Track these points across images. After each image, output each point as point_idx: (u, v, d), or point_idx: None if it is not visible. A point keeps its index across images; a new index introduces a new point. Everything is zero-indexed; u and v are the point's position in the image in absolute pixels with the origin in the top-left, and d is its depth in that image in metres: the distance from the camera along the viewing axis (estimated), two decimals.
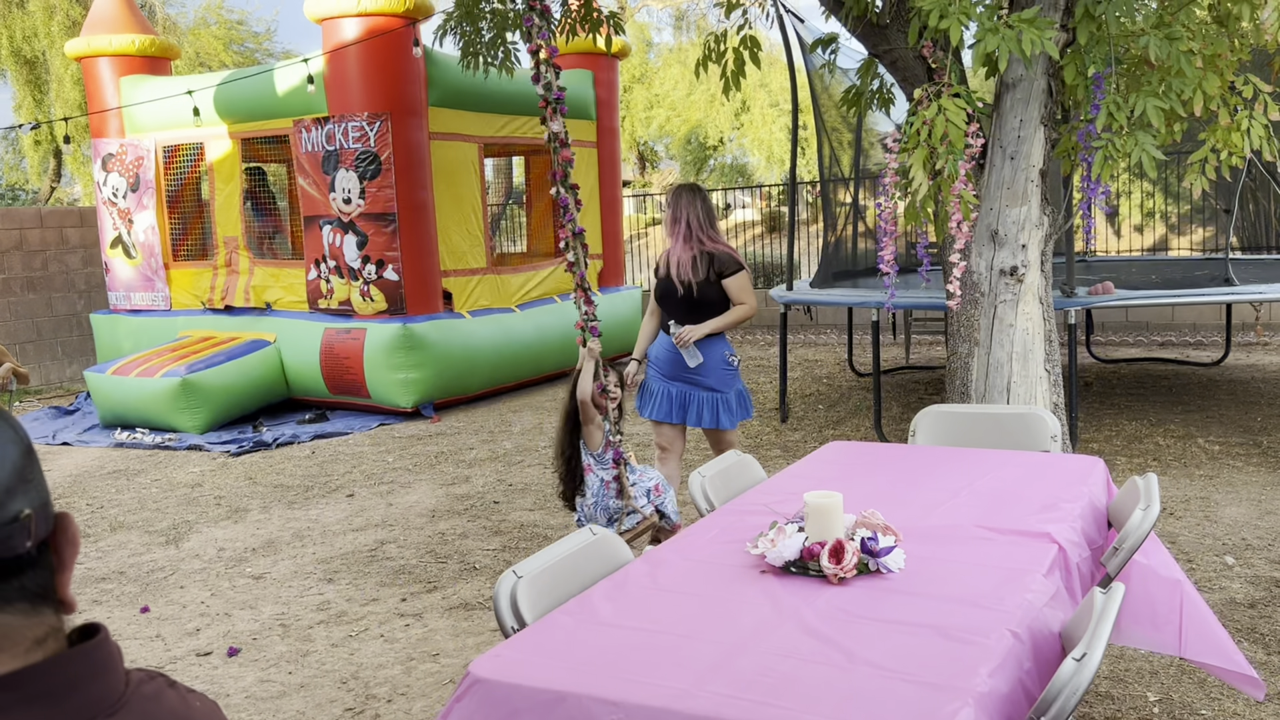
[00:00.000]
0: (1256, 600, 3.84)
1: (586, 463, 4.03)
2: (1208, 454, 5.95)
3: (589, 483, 4.03)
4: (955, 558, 2.26)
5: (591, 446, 4.03)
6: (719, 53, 5.06)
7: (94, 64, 9.57)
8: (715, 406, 4.57)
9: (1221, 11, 4.48)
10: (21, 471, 0.74)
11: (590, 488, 4.03)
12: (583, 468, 4.04)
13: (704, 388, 4.56)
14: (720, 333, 4.58)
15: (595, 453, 4.02)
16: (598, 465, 4.02)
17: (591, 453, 4.03)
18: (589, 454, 4.03)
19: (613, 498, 4.00)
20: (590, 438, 4.04)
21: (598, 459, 4.02)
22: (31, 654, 0.73)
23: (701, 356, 4.53)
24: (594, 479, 4.02)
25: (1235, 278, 6.69)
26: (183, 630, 4.20)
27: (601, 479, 4.02)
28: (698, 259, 4.52)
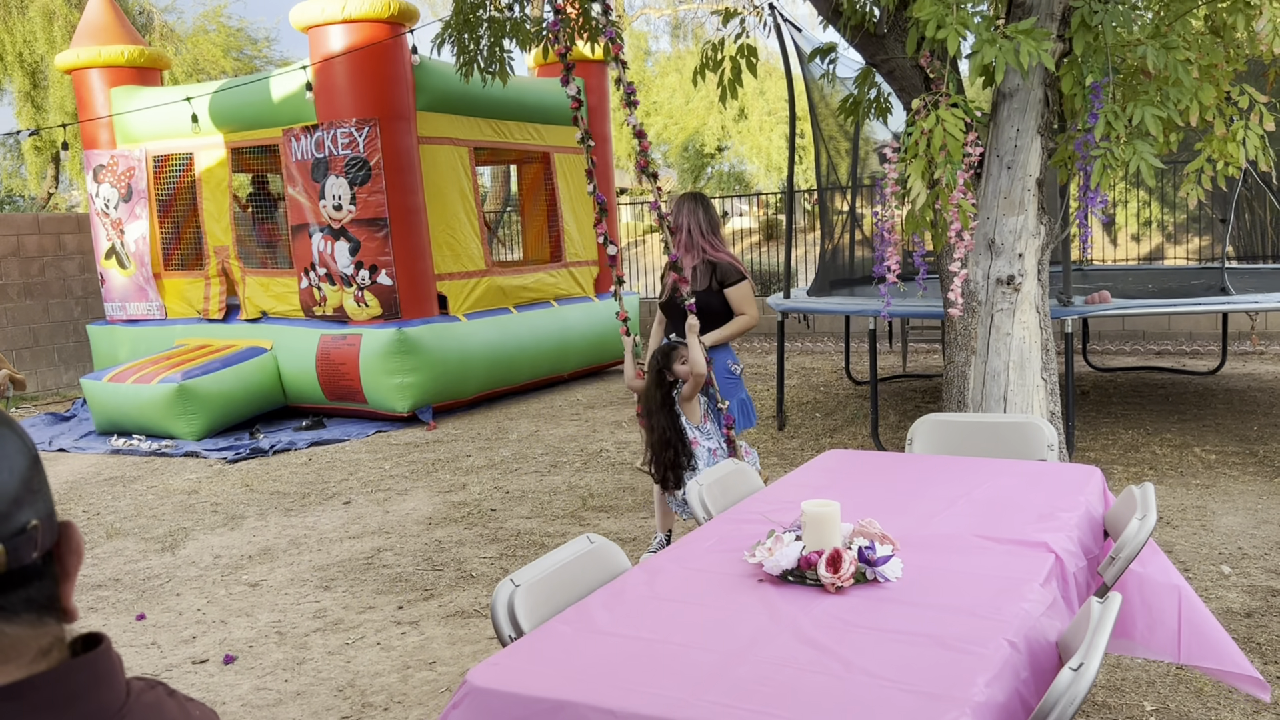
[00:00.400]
0: (1253, 610, 3.84)
1: (693, 436, 4.18)
2: (1204, 463, 5.96)
3: (697, 454, 4.16)
4: (952, 567, 2.26)
5: (694, 419, 4.21)
6: (716, 61, 5.07)
7: (84, 75, 9.58)
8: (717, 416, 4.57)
9: (1217, 22, 4.50)
10: (29, 482, 0.74)
11: (700, 459, 4.16)
12: (689, 440, 4.17)
13: (707, 397, 4.56)
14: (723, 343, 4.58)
15: (698, 425, 4.20)
16: (703, 437, 4.20)
17: (695, 426, 4.19)
18: (692, 428, 4.19)
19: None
20: (692, 412, 4.21)
21: (702, 430, 4.20)
22: (36, 664, 0.73)
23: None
24: (702, 450, 4.17)
25: (1231, 287, 6.71)
26: (179, 638, 4.19)
27: (709, 449, 4.19)
28: (699, 268, 4.52)
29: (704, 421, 4.24)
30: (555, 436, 7.74)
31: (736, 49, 5.00)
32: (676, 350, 4.23)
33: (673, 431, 4.17)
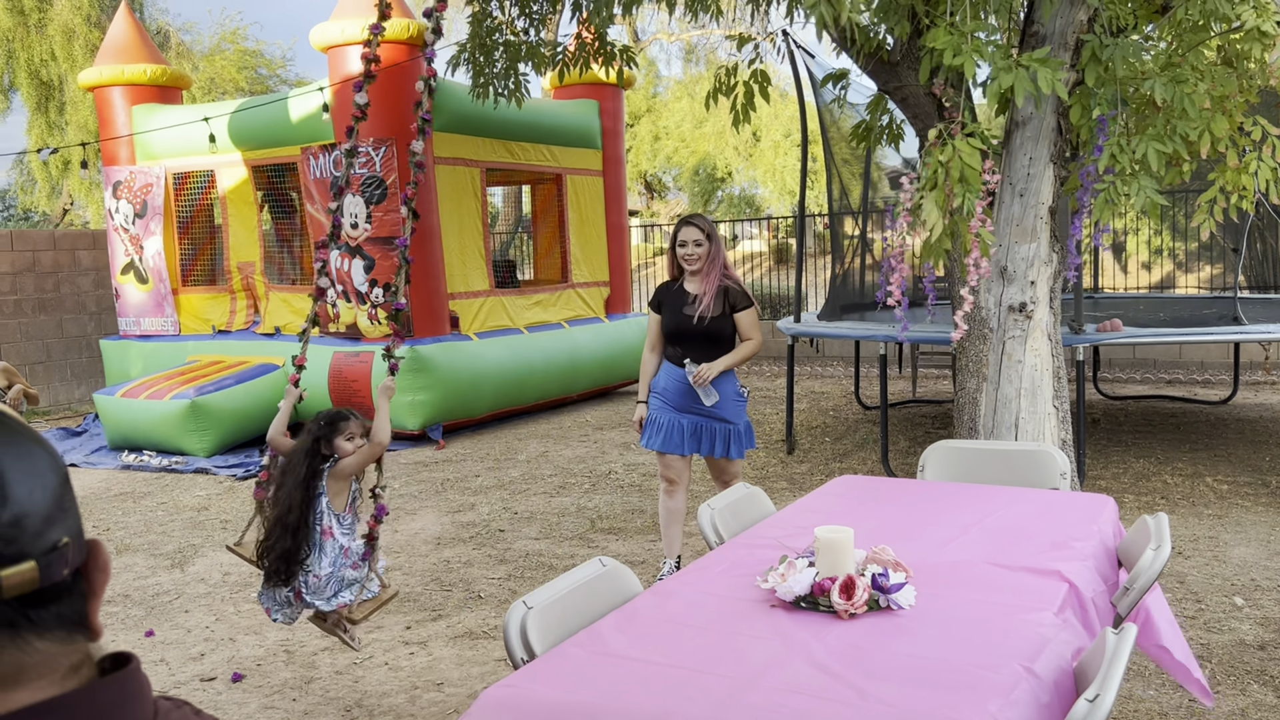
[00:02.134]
0: (1266, 642, 3.82)
1: (328, 524, 3.33)
2: (1216, 493, 5.93)
3: (326, 548, 3.32)
4: (966, 595, 2.25)
5: (338, 506, 3.37)
6: (729, 86, 5.11)
7: (106, 93, 9.69)
8: (728, 437, 4.58)
9: (1230, 53, 4.52)
10: (60, 499, 0.75)
11: (326, 554, 3.32)
12: (320, 529, 3.32)
13: (717, 419, 4.56)
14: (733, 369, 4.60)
15: (339, 512, 3.37)
16: (340, 529, 3.36)
17: (336, 513, 3.36)
18: (331, 514, 3.34)
19: (349, 568, 3.37)
20: (338, 496, 3.37)
21: (340, 521, 3.36)
22: (66, 681, 0.74)
23: (718, 394, 4.53)
24: (333, 545, 3.33)
25: (1244, 316, 6.70)
26: (187, 655, 4.19)
27: (342, 546, 3.36)
28: (719, 291, 4.54)
29: (346, 511, 3.38)
30: (564, 457, 7.74)
31: (750, 74, 5.04)
32: (350, 421, 3.43)
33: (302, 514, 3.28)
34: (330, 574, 3.34)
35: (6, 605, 0.71)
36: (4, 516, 0.70)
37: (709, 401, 4.51)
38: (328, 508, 3.34)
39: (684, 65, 24.00)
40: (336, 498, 3.36)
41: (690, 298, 4.55)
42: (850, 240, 8.70)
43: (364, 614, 3.43)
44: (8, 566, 0.70)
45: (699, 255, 4.53)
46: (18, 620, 0.72)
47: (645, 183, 25.53)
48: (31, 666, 0.72)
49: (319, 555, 3.31)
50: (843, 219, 8.68)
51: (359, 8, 8.05)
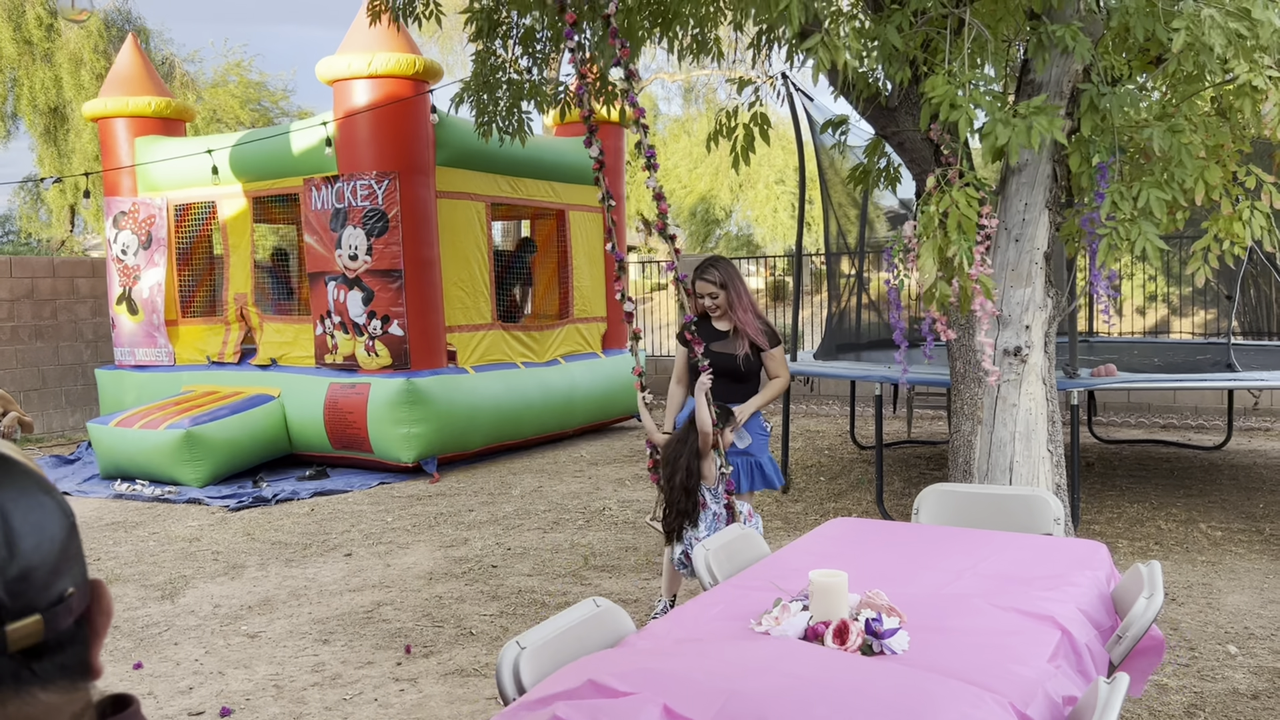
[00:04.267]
0: (1260, 691, 3.80)
1: (700, 498, 4.12)
2: (1210, 540, 5.93)
3: (703, 518, 4.11)
4: (960, 641, 2.25)
5: (708, 481, 4.14)
6: (730, 128, 5.16)
7: (110, 124, 9.78)
8: (751, 471, 4.60)
9: (1223, 104, 4.58)
10: (66, 549, 0.74)
11: (704, 521, 4.10)
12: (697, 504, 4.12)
13: (740, 453, 4.58)
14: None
15: (710, 487, 4.13)
16: (712, 499, 4.13)
17: (707, 487, 4.13)
18: (704, 488, 4.13)
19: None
20: (708, 471, 4.14)
21: (712, 493, 4.13)
22: None
23: (750, 438, 4.56)
24: (707, 515, 4.11)
25: (1237, 363, 6.73)
26: (175, 688, 4.16)
27: (713, 513, 4.12)
28: (736, 332, 4.57)
29: (716, 485, 4.20)
30: (558, 493, 7.73)
31: (750, 117, 5.09)
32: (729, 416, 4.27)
33: (693, 481, 4.13)
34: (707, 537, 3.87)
35: (10, 659, 0.69)
36: (11, 571, 0.69)
37: (741, 444, 4.54)
38: (701, 485, 4.13)
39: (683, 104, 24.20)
40: (707, 475, 4.15)
41: (722, 334, 4.60)
42: (846, 280, 8.75)
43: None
44: (13, 621, 0.69)
45: (718, 305, 4.59)
46: (21, 674, 0.70)
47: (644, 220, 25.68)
48: (35, 719, 0.72)
49: (700, 521, 4.10)
50: (839, 259, 8.73)
51: (365, 42, 8.15)
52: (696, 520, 4.13)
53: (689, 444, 4.15)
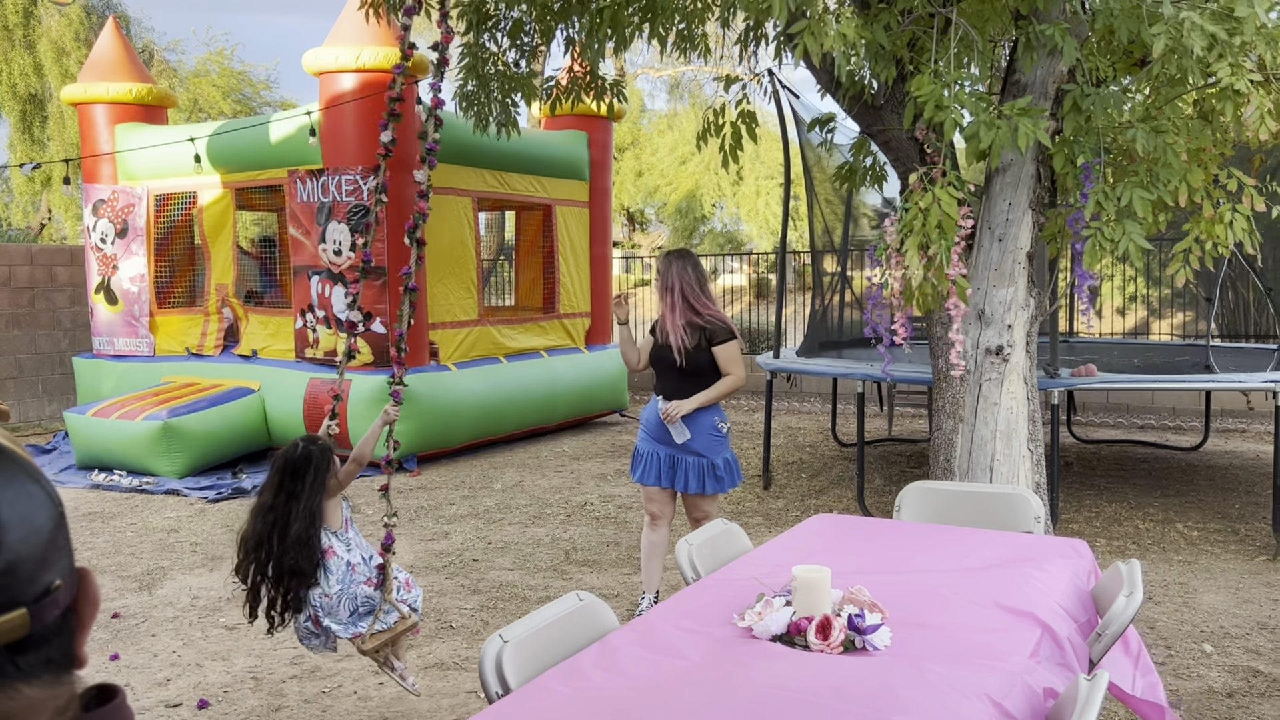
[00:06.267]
0: (1235, 690, 3.84)
1: (326, 544, 3.37)
2: (1186, 539, 5.99)
3: (330, 566, 3.36)
4: (941, 637, 2.26)
5: (334, 524, 3.43)
6: (718, 126, 5.16)
7: (90, 110, 9.65)
8: (701, 472, 4.53)
9: (1206, 107, 4.61)
10: (54, 540, 0.72)
11: (332, 573, 3.36)
12: (320, 549, 3.35)
13: (691, 452, 4.53)
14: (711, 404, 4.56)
15: (336, 531, 3.44)
16: (340, 545, 3.42)
17: (333, 532, 3.42)
18: (329, 533, 3.40)
19: (360, 584, 3.43)
20: (331, 514, 3.41)
21: (340, 538, 3.43)
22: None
23: (689, 433, 4.48)
24: (337, 562, 3.37)
25: (1215, 365, 6.79)
26: (152, 680, 4.13)
27: (348, 562, 3.40)
28: (689, 327, 4.52)
29: (345, 529, 3.47)
30: (540, 487, 7.72)
31: (737, 115, 5.09)
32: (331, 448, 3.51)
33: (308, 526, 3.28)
34: (340, 591, 3.37)
35: None
36: None
37: (679, 439, 4.49)
38: (324, 529, 3.37)
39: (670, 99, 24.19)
40: (331, 516, 3.40)
41: (669, 331, 4.58)
42: (830, 277, 8.77)
43: (374, 644, 3.43)
44: None
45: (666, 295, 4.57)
46: (5, 668, 0.69)
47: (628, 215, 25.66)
48: (18, 713, 0.69)
49: (325, 574, 3.34)
50: (823, 257, 8.75)
51: (354, 35, 8.09)
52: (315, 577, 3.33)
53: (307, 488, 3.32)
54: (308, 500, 3.29)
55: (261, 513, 3.31)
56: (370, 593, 3.44)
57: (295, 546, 3.25)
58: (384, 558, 3.49)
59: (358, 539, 3.52)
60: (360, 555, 3.46)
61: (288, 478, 3.32)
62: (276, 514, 3.28)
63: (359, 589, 3.41)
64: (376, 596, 3.45)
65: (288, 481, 3.32)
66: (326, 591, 3.35)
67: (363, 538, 3.56)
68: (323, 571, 3.33)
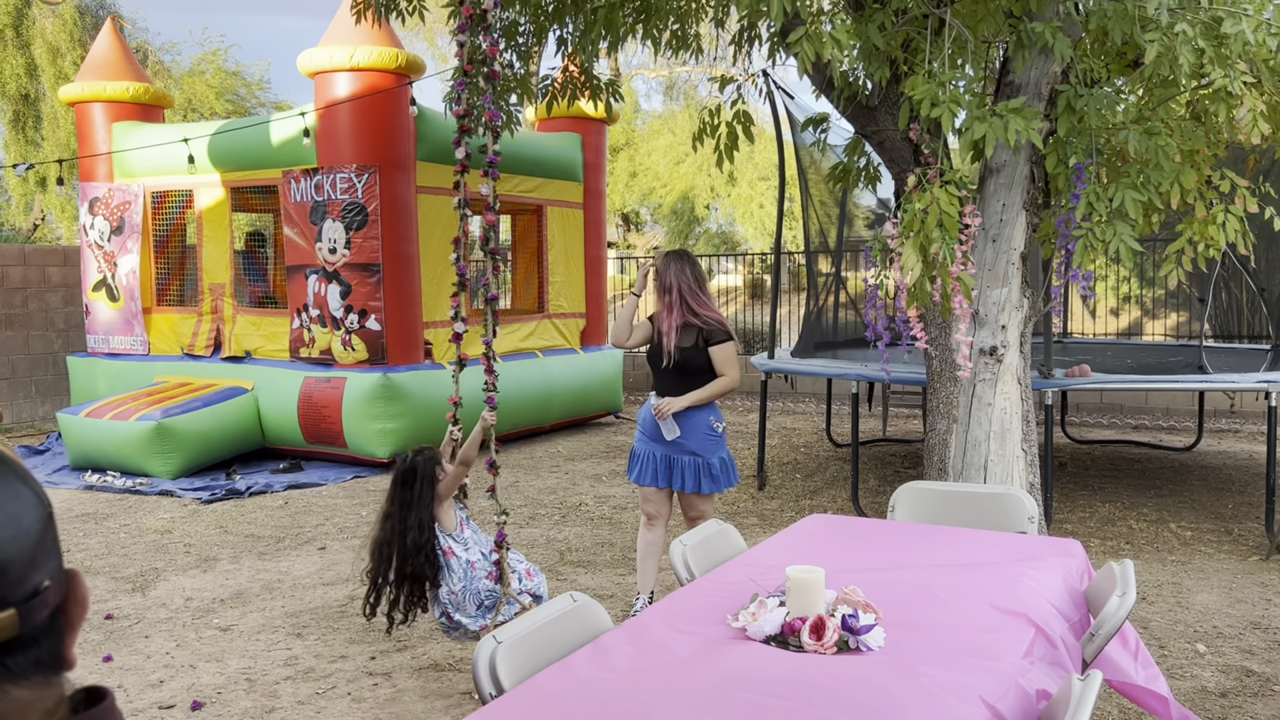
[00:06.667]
0: (1228, 690, 3.85)
1: (446, 545, 3.69)
2: (1180, 539, 6.00)
3: (452, 566, 3.67)
4: (935, 637, 2.26)
5: (448, 526, 3.73)
6: (713, 127, 5.16)
7: (87, 109, 9.65)
8: (697, 471, 4.54)
9: (1199, 109, 4.62)
10: (43, 541, 0.72)
11: (454, 572, 3.66)
12: (441, 550, 3.68)
13: (687, 452, 4.55)
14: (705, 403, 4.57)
15: (453, 532, 3.73)
16: (459, 545, 3.70)
17: (449, 533, 3.73)
18: (446, 535, 3.72)
19: (482, 579, 3.70)
20: (444, 518, 3.71)
21: (458, 538, 3.73)
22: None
23: (679, 430, 4.49)
24: (457, 562, 3.66)
25: (1209, 365, 6.81)
26: (146, 681, 4.12)
27: (467, 560, 3.67)
28: (685, 328, 4.54)
29: (460, 529, 3.77)
30: (534, 488, 7.71)
31: (733, 115, 5.10)
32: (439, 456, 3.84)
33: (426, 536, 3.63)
34: (464, 588, 3.68)
35: None
36: None
37: (669, 436, 4.50)
38: (440, 531, 3.71)
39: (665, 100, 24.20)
40: (445, 520, 3.73)
41: (665, 331, 4.59)
42: (825, 278, 8.78)
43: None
44: None
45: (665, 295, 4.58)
46: None
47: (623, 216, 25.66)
48: (7, 715, 0.69)
49: (447, 575, 3.68)
50: (817, 257, 8.76)
51: (347, 35, 8.09)
52: (437, 579, 3.68)
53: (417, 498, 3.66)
54: (418, 509, 3.62)
55: (383, 520, 3.67)
56: (492, 586, 3.73)
57: (414, 552, 3.58)
58: (498, 553, 3.77)
59: (475, 536, 3.81)
60: (479, 551, 3.76)
61: (400, 488, 3.66)
62: (393, 521, 3.63)
63: (481, 584, 3.70)
64: (499, 590, 3.72)
65: (400, 491, 3.66)
66: (452, 589, 3.67)
67: (481, 535, 3.85)
68: (445, 571, 3.66)
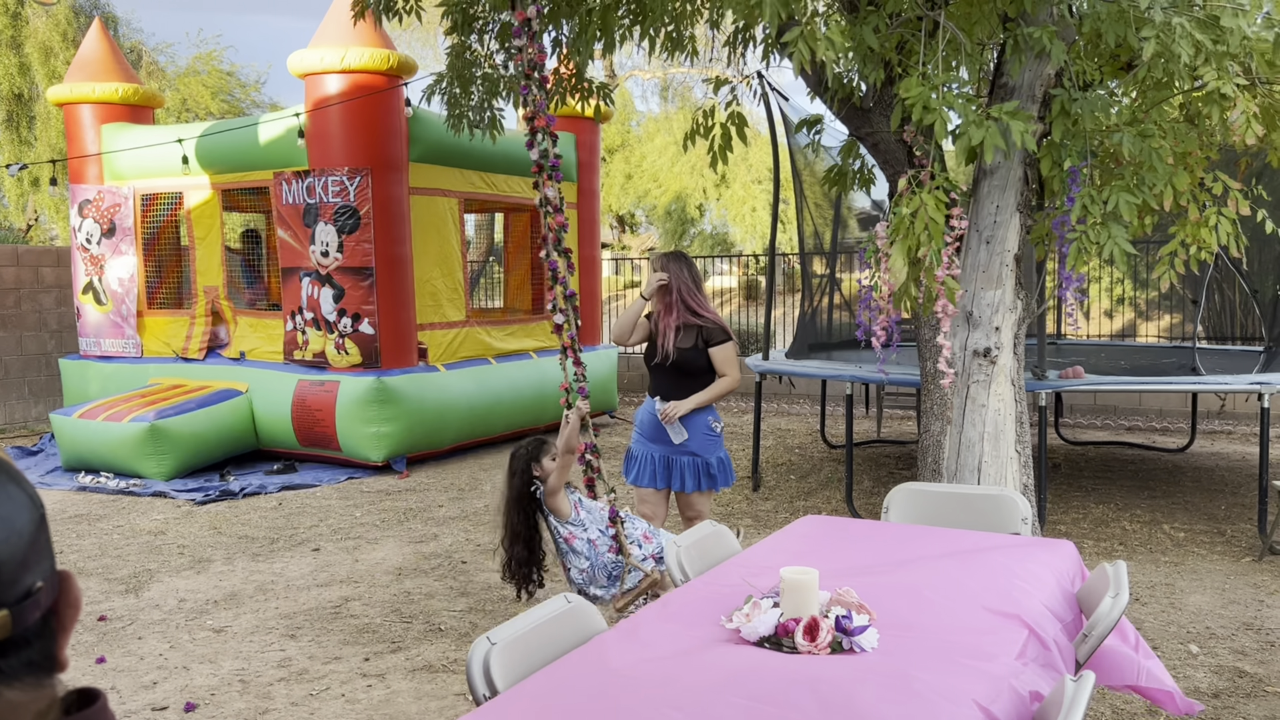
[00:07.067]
0: (1220, 690, 3.86)
1: (567, 532, 4.00)
2: (1173, 540, 6.01)
3: (576, 548, 3.99)
4: (928, 638, 2.27)
5: (561, 515, 4.00)
6: (707, 127, 5.16)
7: (75, 110, 9.61)
8: (696, 471, 4.57)
9: (1192, 111, 4.63)
10: (35, 542, 0.72)
11: (580, 553, 3.99)
12: (563, 538, 4.01)
13: (686, 452, 4.56)
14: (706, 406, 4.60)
15: (570, 519, 4.01)
16: (577, 528, 4.00)
17: (566, 521, 4.00)
18: (564, 524, 4.00)
19: (605, 553, 4.01)
20: (559, 507, 3.99)
21: (576, 522, 4.00)
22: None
23: (686, 433, 4.54)
24: (581, 543, 3.98)
25: (1202, 367, 6.82)
26: (139, 683, 4.11)
27: (588, 539, 3.99)
28: (684, 328, 4.56)
29: (576, 512, 4.03)
30: None
31: (726, 116, 5.10)
32: (546, 444, 4.03)
33: (530, 530, 4.00)
34: (591, 565, 4.00)
35: None
36: None
37: (677, 439, 4.53)
38: (557, 523, 4.00)
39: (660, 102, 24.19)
40: (559, 511, 3.99)
41: (664, 331, 4.60)
42: (819, 280, 8.79)
43: (623, 603, 3.96)
44: None
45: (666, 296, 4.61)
46: None
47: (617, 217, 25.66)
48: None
49: (575, 556, 3.99)
50: (812, 258, 8.77)
51: (339, 36, 8.07)
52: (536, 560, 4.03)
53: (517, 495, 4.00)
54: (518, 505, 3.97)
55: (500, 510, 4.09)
56: (615, 558, 4.02)
57: (514, 541, 3.98)
58: (614, 529, 4.03)
59: (590, 515, 4.05)
60: (597, 529, 4.02)
61: (505, 481, 4.04)
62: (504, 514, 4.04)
63: (605, 558, 4.00)
64: (622, 560, 4.02)
65: (506, 486, 4.04)
66: (581, 568, 3.99)
67: (596, 512, 4.08)
68: (572, 554, 3.99)
